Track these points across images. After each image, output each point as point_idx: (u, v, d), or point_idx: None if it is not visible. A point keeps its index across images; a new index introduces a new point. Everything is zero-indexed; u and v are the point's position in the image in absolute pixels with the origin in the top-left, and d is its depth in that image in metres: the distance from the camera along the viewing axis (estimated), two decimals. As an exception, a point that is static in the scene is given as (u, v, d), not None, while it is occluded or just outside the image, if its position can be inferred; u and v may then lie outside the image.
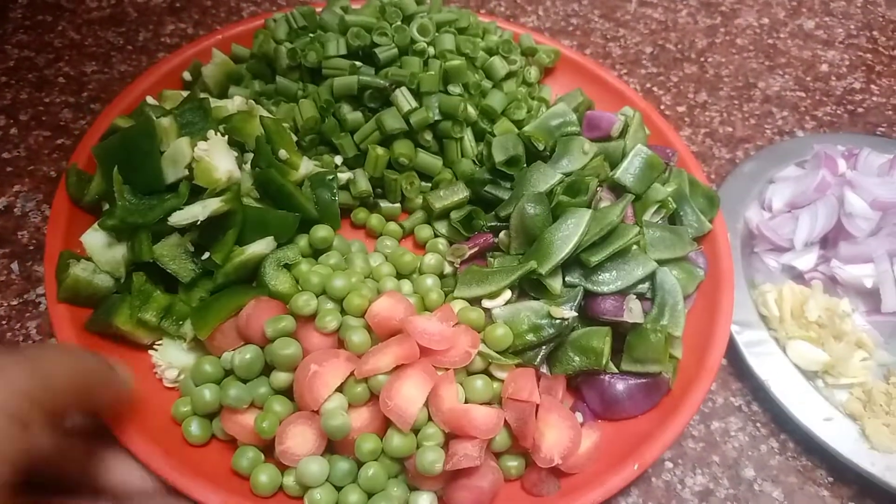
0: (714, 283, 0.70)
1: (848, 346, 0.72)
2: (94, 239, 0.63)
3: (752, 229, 0.83)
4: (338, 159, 0.77)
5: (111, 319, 0.60)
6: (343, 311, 0.61)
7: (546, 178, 0.69)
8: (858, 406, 0.69)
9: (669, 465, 0.66)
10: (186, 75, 0.82)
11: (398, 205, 0.78)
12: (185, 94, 0.77)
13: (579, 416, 0.63)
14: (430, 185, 0.79)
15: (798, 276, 0.79)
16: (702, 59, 1.08)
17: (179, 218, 0.60)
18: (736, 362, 0.73)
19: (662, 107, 0.99)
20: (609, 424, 0.64)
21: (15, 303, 0.71)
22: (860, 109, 1.03)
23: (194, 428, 0.58)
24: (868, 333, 0.74)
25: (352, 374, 0.57)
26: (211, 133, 0.65)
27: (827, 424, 0.67)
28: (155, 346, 0.63)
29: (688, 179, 0.76)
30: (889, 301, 0.74)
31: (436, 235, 0.76)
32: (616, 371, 0.63)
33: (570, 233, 0.64)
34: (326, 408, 0.56)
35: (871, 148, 0.87)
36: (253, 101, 0.76)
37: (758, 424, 0.69)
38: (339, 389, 0.57)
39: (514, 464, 0.59)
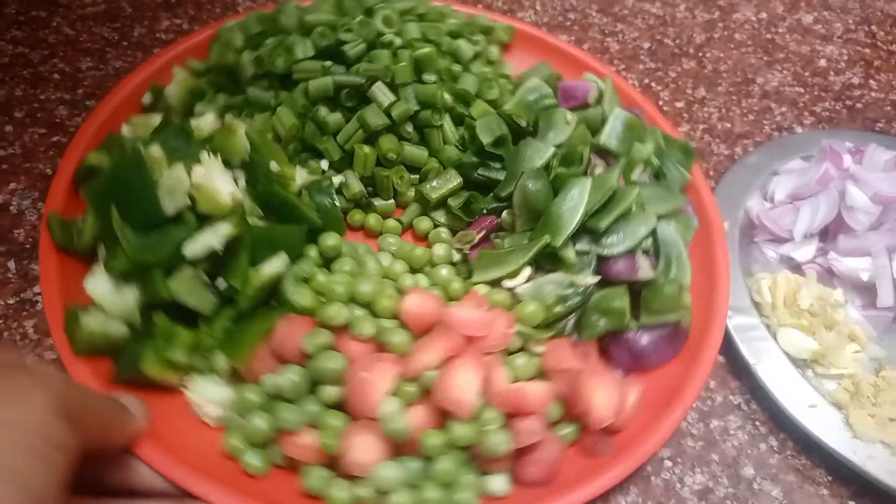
0: (705, 229, 0.74)
1: (839, 337, 0.72)
2: (99, 286, 0.59)
3: (752, 219, 0.83)
4: (324, 164, 0.75)
5: (139, 367, 0.57)
6: (373, 315, 0.62)
7: (539, 152, 0.70)
8: (845, 396, 0.69)
9: (668, 463, 0.66)
10: (147, 98, 0.78)
11: (392, 201, 0.78)
12: (153, 117, 0.74)
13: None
14: (417, 176, 0.78)
15: (796, 268, 0.79)
16: (700, 54, 1.08)
17: (194, 249, 0.58)
18: (733, 359, 0.73)
19: (661, 102, 0.99)
20: (639, 377, 0.66)
21: (12, 301, 0.71)
22: (859, 105, 1.02)
23: (254, 460, 0.57)
24: (862, 327, 0.74)
25: (400, 374, 0.58)
26: (204, 155, 0.63)
27: (811, 411, 0.68)
28: (187, 385, 0.60)
29: (661, 135, 0.78)
30: (885, 296, 0.74)
31: (435, 226, 0.76)
32: (637, 327, 0.66)
33: (576, 203, 0.65)
34: (383, 412, 0.56)
35: (878, 144, 0.87)
36: (231, 116, 0.73)
37: (757, 423, 0.69)
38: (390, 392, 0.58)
39: (568, 430, 0.61)
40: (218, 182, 0.61)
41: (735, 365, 0.73)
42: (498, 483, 0.58)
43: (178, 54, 0.82)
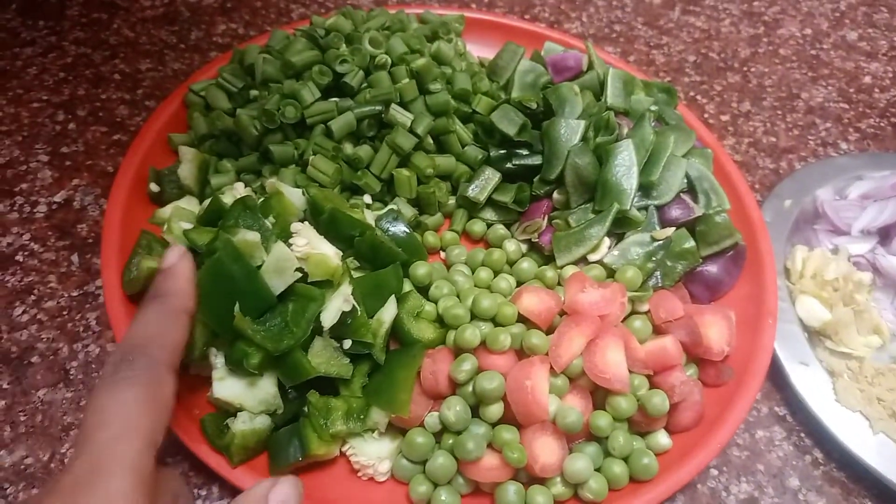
0: (715, 155, 0.80)
1: (855, 316, 0.73)
2: (230, 390, 0.58)
3: (817, 206, 0.85)
4: (367, 198, 0.74)
5: (307, 452, 0.57)
6: (496, 324, 0.64)
7: (572, 129, 0.73)
8: (840, 365, 0.72)
9: (714, 472, 0.67)
10: (153, 187, 0.74)
11: (440, 214, 0.79)
12: (185, 205, 0.70)
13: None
14: (448, 184, 0.80)
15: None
16: (745, 68, 1.08)
17: (330, 317, 0.58)
18: (775, 372, 0.73)
19: (706, 115, 1.00)
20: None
21: (75, 294, 0.73)
22: (904, 122, 1.02)
23: (447, 497, 0.58)
24: (891, 325, 0.76)
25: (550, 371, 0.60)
26: (297, 225, 0.62)
27: (801, 368, 0.71)
28: (349, 451, 0.61)
29: (641, 82, 0.83)
30: None
31: (488, 225, 0.78)
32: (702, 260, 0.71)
33: (628, 165, 0.70)
34: (553, 410, 0.59)
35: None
36: (275, 180, 0.70)
37: (802, 434, 0.70)
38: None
39: (692, 371, 0.67)
40: (322, 247, 0.61)
41: (777, 380, 0.74)
42: (663, 439, 0.63)
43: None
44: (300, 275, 0.59)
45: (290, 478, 0.49)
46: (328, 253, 0.60)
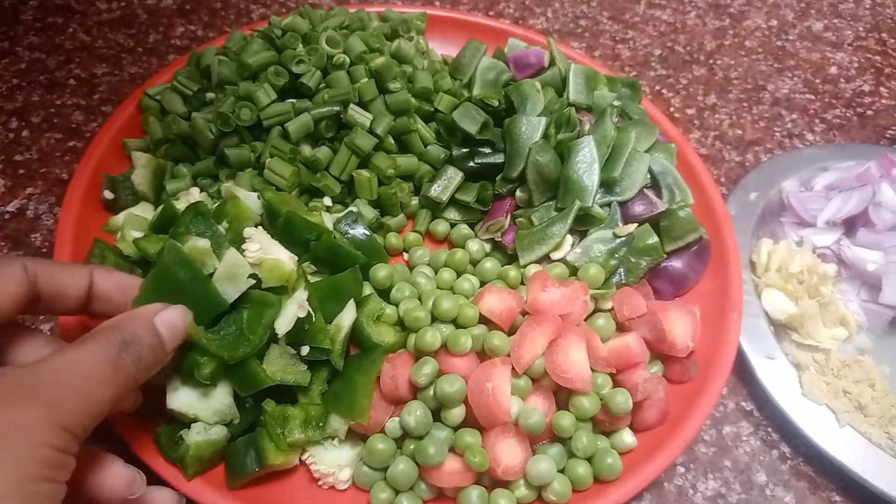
0: (679, 149, 0.80)
1: (819, 308, 0.73)
2: (184, 400, 0.56)
3: (783, 199, 0.85)
4: (326, 201, 0.73)
5: (264, 462, 0.56)
6: (457, 326, 0.62)
7: (533, 126, 0.72)
8: (807, 358, 0.71)
9: (681, 469, 0.66)
10: (107, 194, 0.72)
11: (402, 215, 0.78)
12: (139, 211, 0.69)
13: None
14: (411, 184, 0.79)
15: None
16: (711, 61, 1.08)
17: (285, 324, 0.56)
18: (742, 367, 0.73)
19: (672, 109, 0.99)
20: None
21: (29, 305, 0.72)
22: (869, 112, 1.02)
23: (410, 503, 0.58)
24: (857, 317, 0.76)
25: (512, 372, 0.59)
26: (249, 230, 0.60)
27: (767, 362, 0.71)
28: (308, 460, 0.59)
29: (604, 77, 0.82)
30: (889, 293, 0.75)
31: (451, 225, 0.77)
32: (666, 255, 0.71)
33: (589, 162, 0.70)
34: (515, 412, 0.58)
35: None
36: (231, 184, 0.69)
37: (769, 429, 0.70)
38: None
39: (657, 368, 0.67)
40: (276, 252, 0.59)
41: (743, 374, 0.73)
42: (627, 437, 0.62)
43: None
44: (253, 282, 0.57)
45: (181, 306, 0.50)
46: (282, 258, 0.59)
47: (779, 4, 1.20)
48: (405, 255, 0.76)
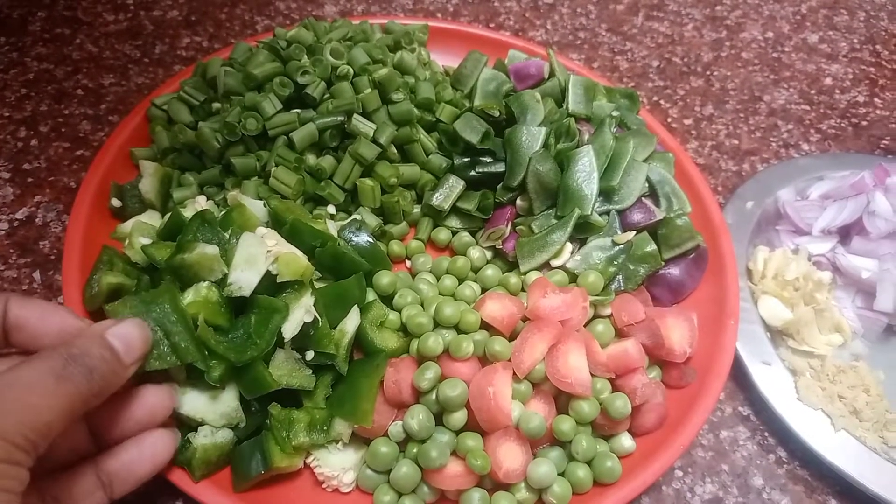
0: (677, 158, 0.81)
1: (815, 315, 0.75)
2: (193, 403, 0.57)
3: (779, 207, 0.86)
4: (330, 209, 0.74)
5: (269, 465, 0.57)
6: (459, 332, 0.63)
7: (533, 136, 0.74)
8: (803, 364, 0.73)
9: (679, 473, 0.67)
10: (115, 202, 0.74)
11: (404, 223, 0.79)
12: (147, 219, 0.71)
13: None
14: (413, 192, 0.80)
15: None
16: (707, 72, 1.10)
17: (291, 329, 0.57)
18: (739, 372, 0.74)
19: (669, 119, 1.01)
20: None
21: (38, 312, 0.73)
22: (864, 123, 1.04)
23: None
24: (852, 324, 0.77)
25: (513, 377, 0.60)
26: (261, 229, 0.62)
27: (764, 368, 0.72)
28: (313, 463, 0.60)
29: (603, 88, 0.83)
30: (884, 300, 0.76)
31: (453, 233, 0.79)
32: (664, 263, 0.72)
33: (589, 171, 0.71)
34: (516, 416, 0.59)
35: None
36: (237, 192, 0.71)
37: (765, 434, 0.71)
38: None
39: (655, 374, 0.67)
40: (290, 248, 0.60)
41: (741, 380, 0.74)
42: (626, 441, 0.63)
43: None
44: (272, 265, 0.59)
45: (135, 319, 0.51)
46: (297, 253, 0.60)
47: (774, 17, 1.22)
48: (408, 263, 0.78)
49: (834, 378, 0.72)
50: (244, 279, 0.58)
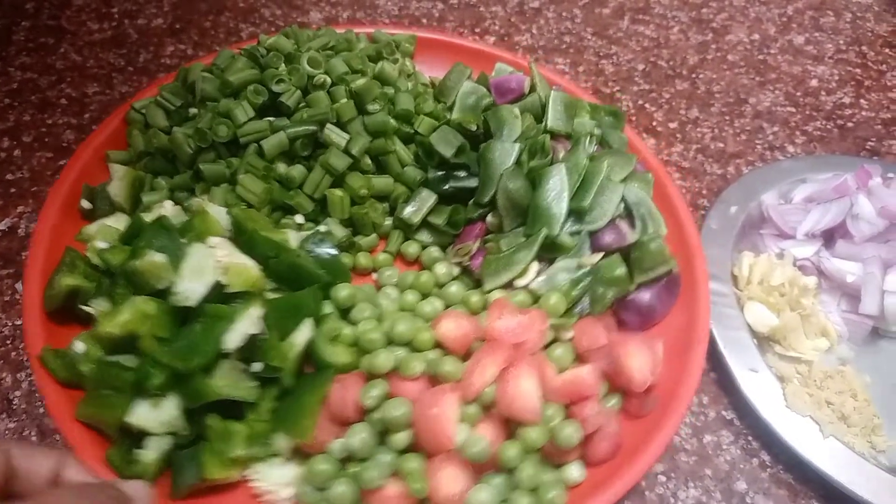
0: (657, 178, 0.80)
1: (801, 320, 0.74)
2: (144, 413, 0.56)
3: (763, 211, 0.86)
4: (298, 218, 0.74)
5: (203, 476, 0.56)
6: (412, 350, 0.62)
7: (507, 152, 0.73)
8: (790, 370, 0.72)
9: (662, 478, 0.67)
10: (85, 204, 0.74)
11: (374, 235, 0.78)
12: (113, 222, 0.71)
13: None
14: (386, 205, 0.79)
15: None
16: (693, 75, 1.10)
17: (234, 340, 0.57)
18: (724, 377, 0.74)
19: (654, 123, 1.01)
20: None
21: (19, 323, 0.73)
22: (850, 124, 1.04)
23: None
24: (838, 327, 0.77)
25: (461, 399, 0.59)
26: (214, 239, 0.62)
27: (750, 375, 0.71)
28: (252, 476, 0.59)
29: (587, 105, 0.82)
30: (868, 303, 0.76)
31: (423, 247, 0.78)
32: (635, 288, 0.70)
33: (559, 190, 0.70)
34: (461, 439, 0.57)
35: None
36: (203, 199, 0.71)
37: (749, 437, 0.70)
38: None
39: (615, 401, 0.65)
40: (241, 258, 0.60)
41: (725, 383, 0.74)
42: (575, 471, 0.61)
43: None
44: (220, 276, 0.59)
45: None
46: (247, 263, 0.60)
47: (760, 19, 1.22)
48: (374, 276, 0.77)
49: (821, 384, 0.71)
50: (190, 289, 0.58)
